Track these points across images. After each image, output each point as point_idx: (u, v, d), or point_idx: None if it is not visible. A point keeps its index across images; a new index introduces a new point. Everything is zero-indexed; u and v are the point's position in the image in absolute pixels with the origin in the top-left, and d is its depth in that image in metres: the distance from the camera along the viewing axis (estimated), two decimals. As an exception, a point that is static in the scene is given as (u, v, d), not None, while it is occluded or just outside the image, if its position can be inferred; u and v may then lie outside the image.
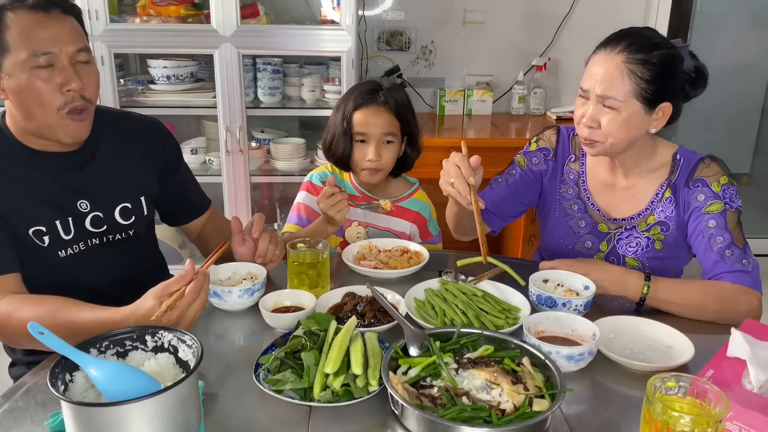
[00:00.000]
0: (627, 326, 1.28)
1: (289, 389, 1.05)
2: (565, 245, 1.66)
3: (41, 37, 1.26)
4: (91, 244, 1.42)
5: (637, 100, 1.40)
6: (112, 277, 1.45)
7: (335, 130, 1.77)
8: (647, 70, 1.38)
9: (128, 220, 1.47)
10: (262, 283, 1.38)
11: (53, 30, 1.27)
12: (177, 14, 2.79)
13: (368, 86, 1.78)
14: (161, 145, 1.58)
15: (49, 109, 1.28)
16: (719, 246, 1.43)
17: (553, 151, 1.67)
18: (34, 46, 1.25)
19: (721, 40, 3.82)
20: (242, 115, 2.84)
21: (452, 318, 1.29)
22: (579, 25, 3.34)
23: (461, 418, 0.95)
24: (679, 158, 1.54)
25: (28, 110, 1.30)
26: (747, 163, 4.17)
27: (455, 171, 1.42)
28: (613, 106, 1.40)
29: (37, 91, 1.27)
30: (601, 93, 1.40)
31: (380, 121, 1.74)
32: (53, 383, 0.88)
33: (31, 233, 1.34)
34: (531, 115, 3.42)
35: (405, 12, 3.32)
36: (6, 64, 1.26)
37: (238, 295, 1.34)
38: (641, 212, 1.56)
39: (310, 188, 1.86)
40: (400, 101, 1.77)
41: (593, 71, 1.43)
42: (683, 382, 0.91)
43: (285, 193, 3.34)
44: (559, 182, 1.66)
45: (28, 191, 1.34)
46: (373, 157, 1.73)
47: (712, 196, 1.47)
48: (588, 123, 1.44)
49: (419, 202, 1.89)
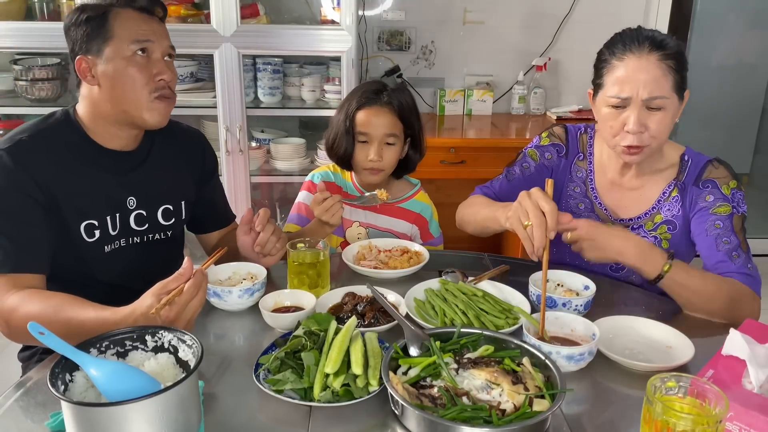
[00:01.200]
0: (627, 326, 1.28)
1: (289, 389, 1.05)
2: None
3: (144, 29, 1.40)
4: (132, 242, 1.50)
5: (676, 93, 1.43)
6: (144, 276, 1.47)
7: (338, 129, 1.77)
8: (676, 62, 1.41)
9: (168, 222, 1.56)
10: (262, 283, 1.38)
11: (154, 26, 1.43)
12: (177, 14, 2.79)
13: (373, 86, 1.78)
14: (202, 153, 1.68)
15: (141, 93, 1.40)
16: (726, 247, 1.43)
17: (565, 148, 1.67)
18: (137, 35, 1.39)
19: (721, 40, 3.82)
20: (242, 115, 2.84)
21: (452, 318, 1.29)
22: (579, 25, 3.34)
23: (461, 418, 0.95)
24: (687, 159, 1.55)
25: (120, 94, 1.40)
26: (747, 163, 4.17)
27: (538, 219, 1.27)
28: (660, 105, 1.41)
29: (133, 76, 1.39)
30: (648, 96, 1.40)
31: (382, 122, 1.73)
32: (53, 383, 0.88)
33: (83, 227, 1.40)
34: (531, 115, 3.42)
35: (405, 12, 3.32)
36: (107, 51, 1.38)
37: (238, 295, 1.34)
38: (648, 211, 1.57)
39: (311, 188, 1.86)
40: (404, 103, 1.77)
41: (631, 77, 1.41)
42: (683, 382, 0.91)
43: (285, 193, 3.34)
44: (567, 180, 1.66)
45: (87, 185, 1.41)
46: (374, 157, 1.73)
47: (721, 198, 1.48)
48: (637, 129, 1.42)
49: (420, 204, 1.89)
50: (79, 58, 1.39)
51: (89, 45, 1.38)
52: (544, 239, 1.27)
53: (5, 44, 2.73)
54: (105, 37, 1.38)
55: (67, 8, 2.73)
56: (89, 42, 1.38)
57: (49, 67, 2.86)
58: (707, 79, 3.86)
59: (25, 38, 2.71)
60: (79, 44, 1.40)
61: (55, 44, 2.73)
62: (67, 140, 1.42)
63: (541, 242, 1.27)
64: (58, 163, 1.38)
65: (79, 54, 1.39)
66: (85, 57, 1.39)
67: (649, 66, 1.40)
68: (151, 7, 1.44)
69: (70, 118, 1.45)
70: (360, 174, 1.82)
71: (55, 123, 1.44)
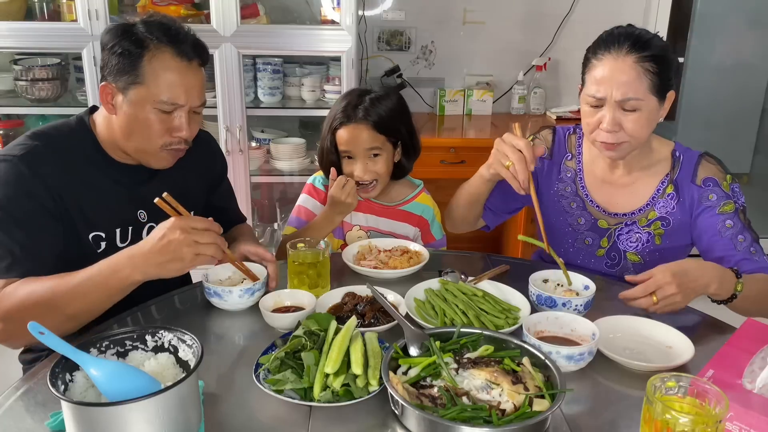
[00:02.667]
0: (627, 326, 1.28)
1: (289, 389, 1.05)
2: (566, 242, 1.66)
3: (176, 87, 1.34)
4: None
5: (653, 95, 1.42)
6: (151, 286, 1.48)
7: (323, 145, 1.77)
8: (656, 64, 1.41)
9: None
10: (262, 283, 1.38)
11: (188, 82, 1.36)
12: (177, 14, 2.79)
13: (354, 99, 1.72)
14: (213, 157, 1.67)
15: (154, 142, 1.37)
16: (744, 245, 1.46)
17: (548, 150, 1.68)
18: (167, 93, 1.33)
19: (721, 40, 3.82)
20: (242, 115, 2.84)
21: (452, 318, 1.29)
22: (579, 25, 3.34)
23: (461, 418, 0.95)
24: (678, 154, 1.55)
25: (131, 135, 1.37)
26: (747, 163, 4.17)
27: (516, 155, 1.40)
28: (634, 107, 1.42)
29: (150, 127, 1.35)
30: (621, 97, 1.41)
31: (362, 138, 1.70)
32: (53, 383, 0.88)
33: (91, 238, 1.39)
34: (531, 115, 3.42)
35: (405, 12, 3.32)
36: (132, 93, 1.33)
37: (239, 295, 1.34)
38: (642, 208, 1.57)
39: (312, 191, 1.85)
40: (383, 114, 1.70)
41: (606, 77, 1.42)
42: (683, 382, 0.91)
43: (285, 193, 3.34)
44: (556, 180, 1.67)
45: (97, 197, 1.40)
46: (360, 173, 1.72)
47: (723, 196, 1.49)
48: (610, 128, 1.43)
49: (422, 206, 1.87)
50: (104, 84, 1.35)
51: (117, 77, 1.33)
52: (527, 172, 1.40)
53: (5, 44, 2.73)
54: (135, 80, 1.32)
55: (67, 8, 2.73)
56: (118, 75, 1.33)
57: (49, 67, 2.86)
58: (707, 79, 3.87)
59: (25, 38, 2.72)
60: (108, 70, 1.34)
61: (55, 44, 2.75)
62: (81, 149, 1.40)
63: (524, 175, 1.40)
64: (71, 172, 1.36)
65: (106, 80, 1.35)
66: (110, 85, 1.35)
67: (625, 67, 1.40)
68: (192, 54, 1.37)
69: (85, 126, 1.43)
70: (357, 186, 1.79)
71: (69, 131, 1.42)
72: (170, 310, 1.41)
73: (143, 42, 1.32)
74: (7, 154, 1.33)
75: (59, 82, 2.89)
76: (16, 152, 1.33)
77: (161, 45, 1.33)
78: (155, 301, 1.42)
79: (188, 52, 1.36)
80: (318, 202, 1.83)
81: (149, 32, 1.33)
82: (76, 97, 2.97)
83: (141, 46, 1.32)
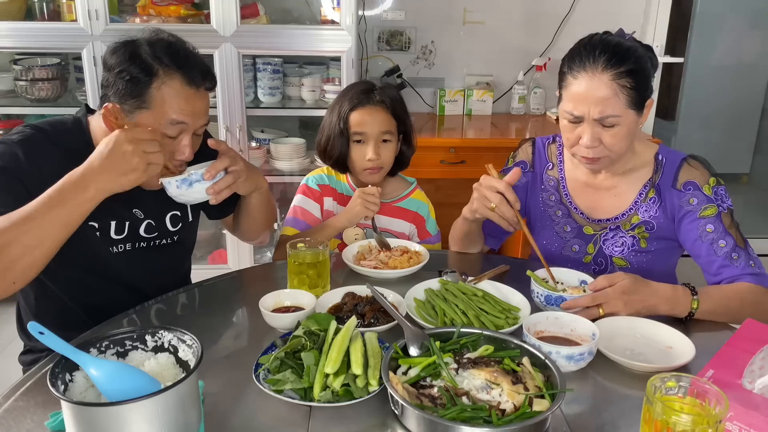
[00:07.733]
0: (627, 326, 1.28)
1: (289, 389, 1.05)
2: (554, 250, 1.66)
3: (184, 114, 1.34)
4: (139, 247, 1.50)
5: (631, 109, 1.41)
6: (151, 278, 1.52)
7: (330, 132, 1.78)
8: (633, 79, 1.39)
9: (176, 227, 1.56)
10: (200, 173, 1.35)
11: (195, 106, 1.36)
12: (177, 14, 2.79)
13: (362, 87, 1.79)
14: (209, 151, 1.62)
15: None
16: (724, 250, 1.43)
17: (529, 164, 1.69)
18: (173, 115, 1.33)
19: (721, 40, 3.82)
20: (242, 115, 2.84)
21: (452, 318, 1.29)
22: (579, 25, 3.33)
23: (461, 418, 0.95)
24: (662, 158, 1.54)
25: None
26: (747, 163, 4.16)
27: (497, 198, 1.41)
28: (613, 123, 1.41)
29: None
30: (599, 116, 1.40)
31: (378, 120, 1.74)
32: (53, 383, 0.88)
33: (83, 227, 1.35)
34: (531, 115, 3.42)
35: (405, 12, 3.32)
36: (138, 117, 1.32)
37: (176, 185, 1.35)
38: (625, 212, 1.57)
39: (306, 191, 1.86)
40: (395, 100, 1.79)
41: (582, 96, 1.41)
42: (683, 382, 0.91)
43: (285, 193, 3.34)
44: (539, 191, 1.68)
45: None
46: (372, 156, 1.74)
47: (705, 200, 1.47)
48: (590, 144, 1.43)
49: (417, 202, 1.89)
50: (108, 105, 1.30)
51: (123, 100, 1.31)
52: (512, 211, 1.42)
53: (5, 44, 2.73)
54: (141, 105, 1.31)
55: (66, 8, 2.73)
56: (124, 98, 1.31)
57: (49, 67, 2.86)
58: (707, 79, 3.87)
59: (25, 38, 2.72)
60: (113, 92, 1.32)
61: (55, 44, 2.75)
62: (77, 148, 1.36)
63: (510, 213, 1.42)
64: (65, 164, 1.32)
65: (110, 101, 1.32)
66: (115, 106, 1.30)
67: (601, 86, 1.39)
68: (201, 81, 1.36)
69: (81, 127, 1.42)
70: (359, 175, 1.81)
71: (65, 129, 1.41)
72: (170, 310, 1.41)
73: (151, 69, 1.31)
74: (5, 139, 1.34)
75: (59, 82, 2.89)
76: (14, 138, 1.34)
77: (170, 71, 1.32)
78: (155, 301, 1.42)
79: (197, 78, 1.35)
80: (313, 201, 1.84)
81: (157, 57, 1.31)
82: (75, 97, 2.97)
83: (150, 73, 1.30)
